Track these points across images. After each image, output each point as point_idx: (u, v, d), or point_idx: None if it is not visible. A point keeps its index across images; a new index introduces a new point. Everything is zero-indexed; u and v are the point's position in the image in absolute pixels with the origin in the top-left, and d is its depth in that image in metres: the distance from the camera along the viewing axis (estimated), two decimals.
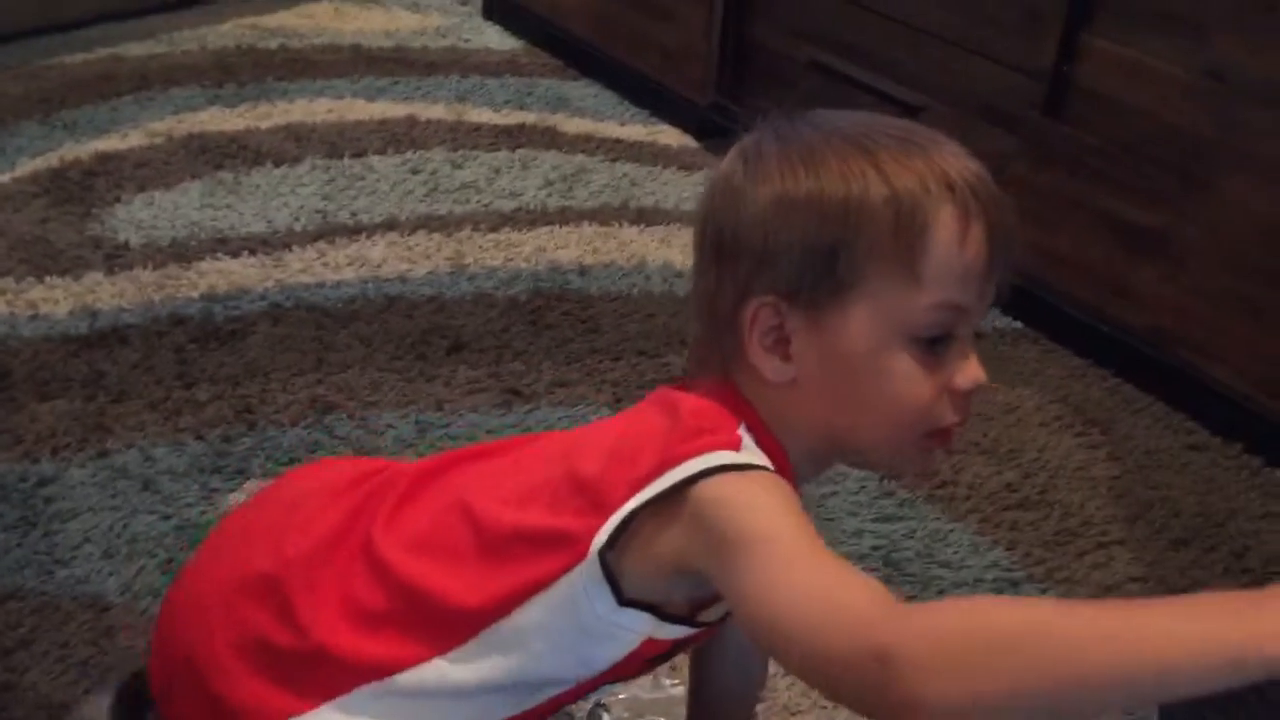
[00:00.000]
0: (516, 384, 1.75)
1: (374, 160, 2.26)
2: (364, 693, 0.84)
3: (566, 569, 0.78)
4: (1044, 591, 1.48)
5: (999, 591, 1.48)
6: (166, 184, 2.12)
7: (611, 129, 2.43)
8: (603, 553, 0.77)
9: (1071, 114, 1.82)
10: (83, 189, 2.09)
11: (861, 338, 0.76)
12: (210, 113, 2.36)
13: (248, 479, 1.52)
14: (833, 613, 0.65)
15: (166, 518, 1.46)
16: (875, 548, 1.53)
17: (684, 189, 2.24)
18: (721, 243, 0.81)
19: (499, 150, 2.32)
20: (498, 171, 2.26)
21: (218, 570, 0.94)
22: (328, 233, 2.05)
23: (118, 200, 2.08)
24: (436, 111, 2.44)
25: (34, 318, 1.79)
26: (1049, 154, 1.85)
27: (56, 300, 1.83)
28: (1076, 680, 0.58)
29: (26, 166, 2.14)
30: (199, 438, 1.59)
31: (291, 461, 1.55)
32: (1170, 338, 1.78)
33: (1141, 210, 1.77)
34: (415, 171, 2.23)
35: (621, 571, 0.78)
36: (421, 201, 2.15)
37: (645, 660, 0.87)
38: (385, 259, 2.00)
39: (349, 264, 1.98)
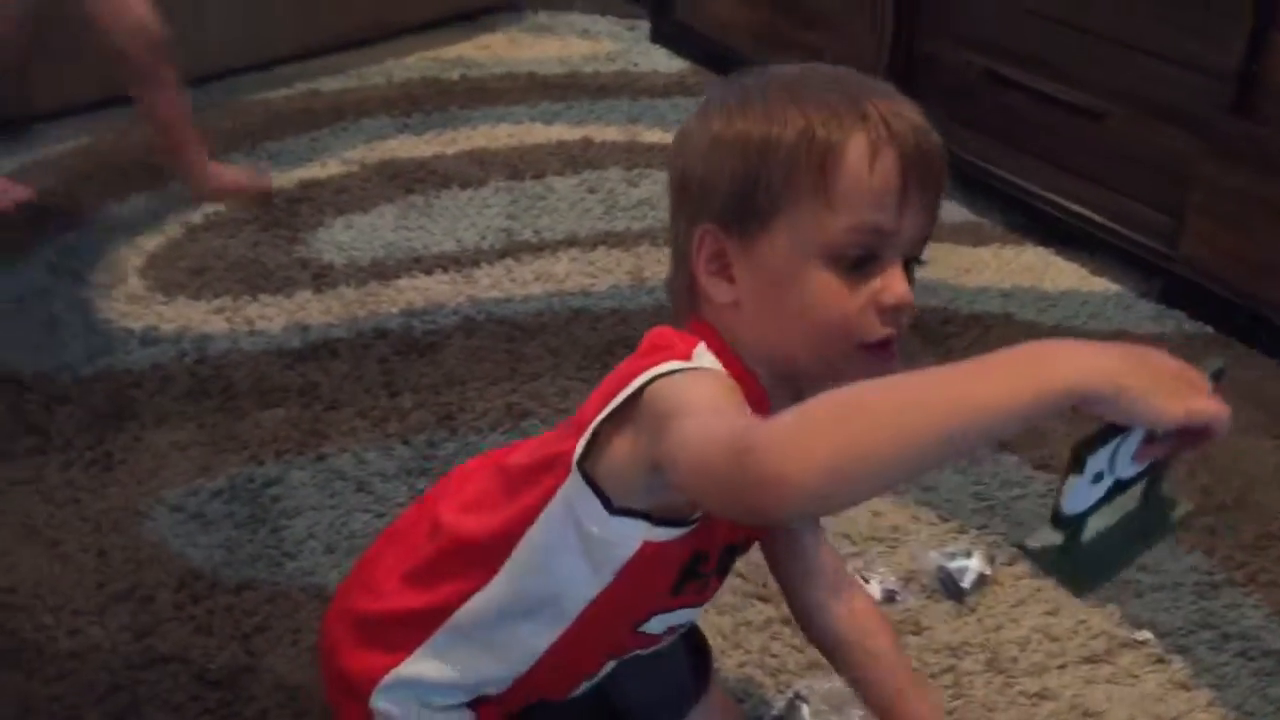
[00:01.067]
0: None
1: (553, 181, 2.35)
2: (438, 637, 0.97)
3: (559, 485, 0.89)
4: (1247, 596, 1.45)
5: (1200, 596, 1.46)
6: (363, 208, 2.26)
7: None
8: (581, 465, 0.86)
9: (1261, 114, 1.79)
10: (289, 214, 2.24)
11: (785, 258, 0.83)
12: (400, 141, 2.49)
13: None
14: (716, 437, 0.72)
15: (380, 515, 1.56)
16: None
17: None
18: (675, 182, 0.91)
19: (661, 169, 2.38)
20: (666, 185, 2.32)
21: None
22: (513, 250, 2.14)
23: (320, 224, 2.22)
24: (610, 133, 2.52)
25: (252, 333, 1.93)
26: (1238, 155, 1.82)
27: (271, 317, 1.96)
28: (912, 435, 0.66)
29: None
30: (405, 442, 1.69)
31: None
32: None
33: None
34: (593, 190, 2.32)
35: (602, 479, 0.86)
36: (600, 219, 2.23)
37: (676, 570, 0.92)
38: (569, 274, 2.08)
39: (535, 279, 2.07)
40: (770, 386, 0.88)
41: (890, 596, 1.46)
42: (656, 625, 0.99)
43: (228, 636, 1.41)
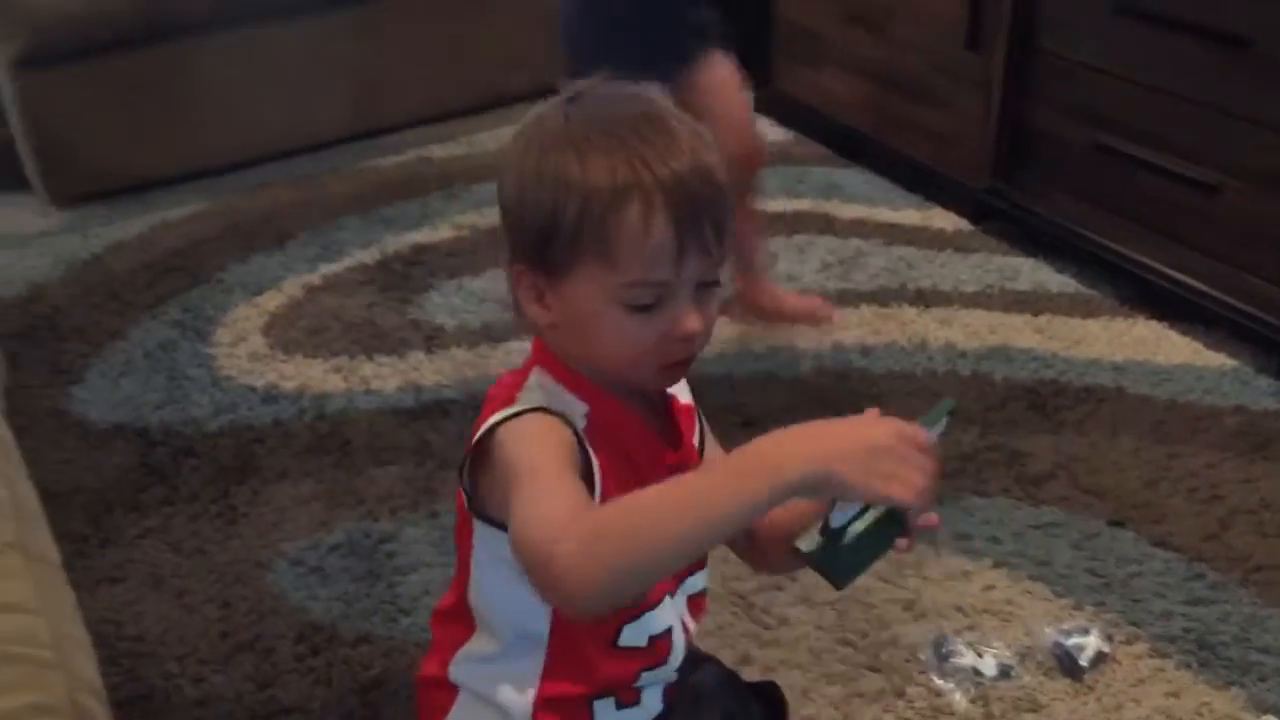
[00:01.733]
0: None
1: None
2: (458, 661, 1.04)
3: (473, 533, 0.98)
4: None
5: None
6: (474, 271, 2.31)
7: (885, 213, 2.48)
8: (473, 508, 0.96)
9: None
10: (402, 277, 2.30)
11: (585, 301, 0.92)
12: None
13: None
14: (531, 536, 0.83)
15: None
16: (1187, 630, 1.49)
17: (962, 271, 2.27)
18: (500, 206, 0.96)
19: (776, 235, 2.41)
20: (776, 256, 2.34)
21: None
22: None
23: (432, 287, 2.27)
24: None
25: (367, 392, 1.98)
26: None
27: (385, 377, 2.02)
28: (674, 544, 0.81)
29: (354, 258, 2.37)
30: None
31: None
32: None
33: None
34: None
35: (494, 514, 0.94)
36: None
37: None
38: None
39: None
40: (608, 384, 0.96)
41: (1005, 672, 1.44)
42: (634, 636, 1.01)
43: (346, 689, 1.44)
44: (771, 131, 2.85)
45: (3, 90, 2.56)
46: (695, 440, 1.06)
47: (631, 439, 0.97)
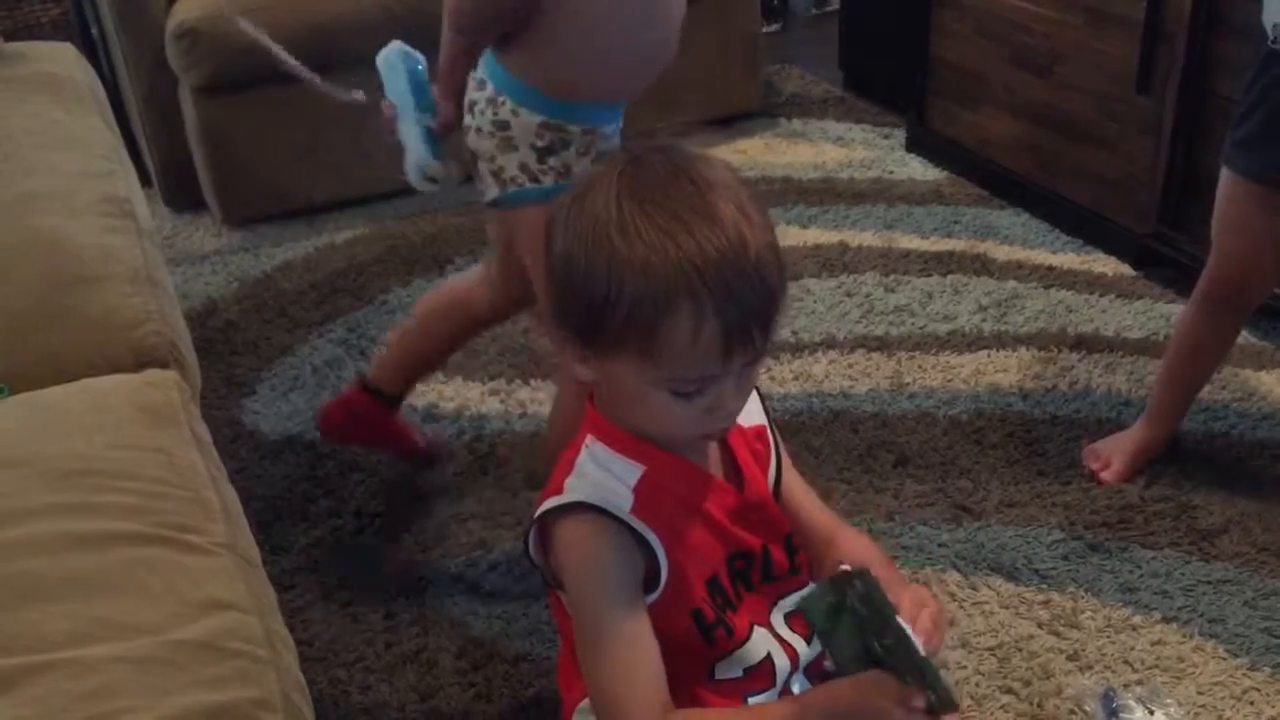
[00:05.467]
0: (964, 501, 1.79)
1: (810, 283, 2.39)
2: (580, 712, 1.09)
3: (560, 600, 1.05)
4: None
5: None
6: None
7: (1043, 256, 2.44)
8: (551, 583, 1.03)
9: None
10: None
11: (627, 382, 0.94)
12: None
13: None
14: (607, 702, 0.95)
15: None
16: None
17: (1124, 317, 2.21)
18: (549, 268, 0.96)
19: (930, 275, 2.39)
20: (930, 296, 2.32)
21: None
22: (771, 349, 2.17)
23: None
24: (866, 238, 2.55)
25: (523, 415, 2.02)
26: None
27: (540, 401, 2.05)
28: None
29: None
30: None
31: None
32: None
33: None
34: (850, 294, 2.34)
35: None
36: (858, 323, 2.25)
37: (699, 637, 1.02)
38: (827, 375, 2.10)
39: (793, 379, 2.10)
40: (652, 439, 1.00)
41: None
42: (728, 670, 1.03)
43: (506, 705, 1.46)
44: (924, 171, 2.84)
45: (186, 116, 2.70)
46: (768, 469, 1.08)
47: (690, 489, 1.01)
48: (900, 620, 0.90)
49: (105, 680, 0.85)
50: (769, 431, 1.10)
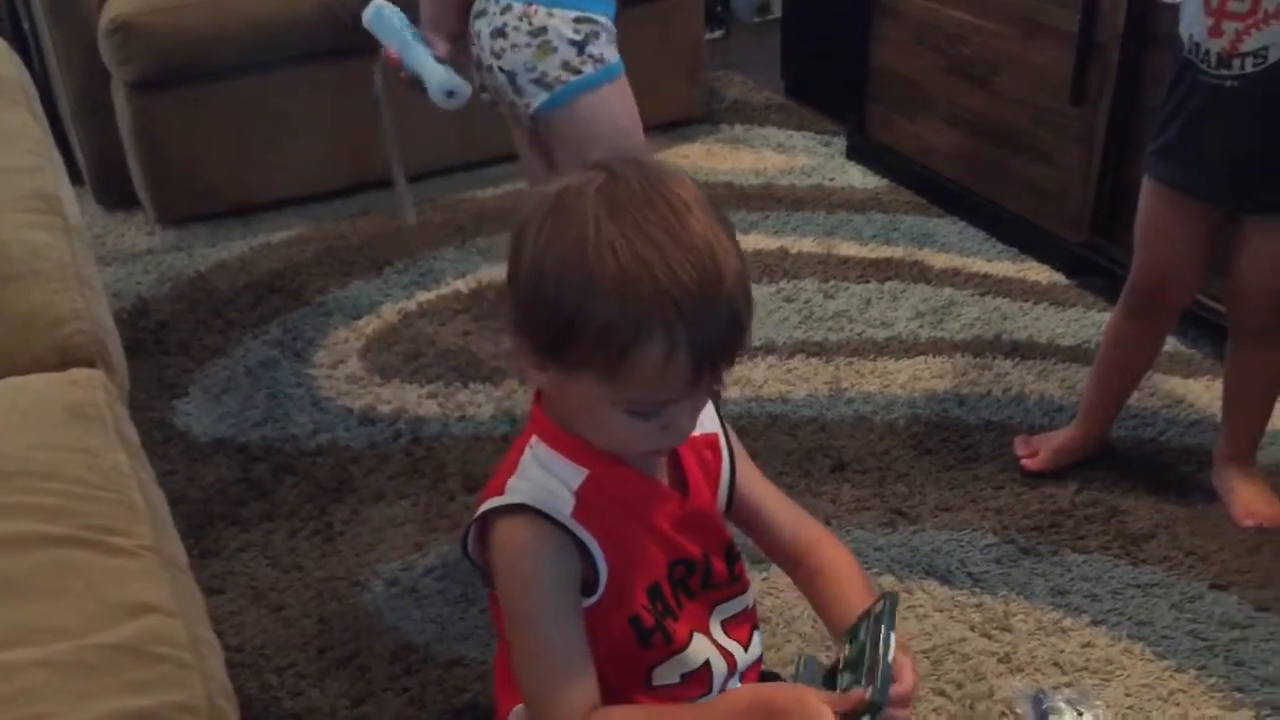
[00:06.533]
0: (900, 505, 1.80)
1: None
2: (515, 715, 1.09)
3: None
4: None
5: None
6: None
7: (979, 264, 2.47)
8: (487, 582, 1.03)
9: None
10: (496, 307, 2.33)
11: (584, 397, 0.93)
12: None
13: None
14: (534, 693, 0.97)
15: None
16: None
17: (1058, 324, 2.25)
18: (508, 271, 0.95)
19: (868, 282, 2.41)
20: (868, 302, 2.34)
21: None
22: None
23: None
24: (806, 244, 2.57)
25: (462, 419, 2.01)
26: None
27: (480, 404, 2.04)
28: None
29: (449, 286, 2.42)
30: None
31: None
32: None
33: None
34: (789, 300, 2.36)
35: None
36: (797, 328, 2.26)
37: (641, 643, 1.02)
38: (766, 380, 2.11)
39: (733, 383, 2.10)
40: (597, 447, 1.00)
41: None
42: (666, 675, 1.04)
43: (439, 711, 1.45)
44: (864, 179, 2.86)
45: (119, 112, 2.65)
46: (717, 478, 1.08)
47: (634, 495, 1.01)
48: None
49: (25, 685, 0.83)
50: (721, 439, 1.09)
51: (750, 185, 2.84)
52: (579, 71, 1.53)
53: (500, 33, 1.54)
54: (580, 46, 1.52)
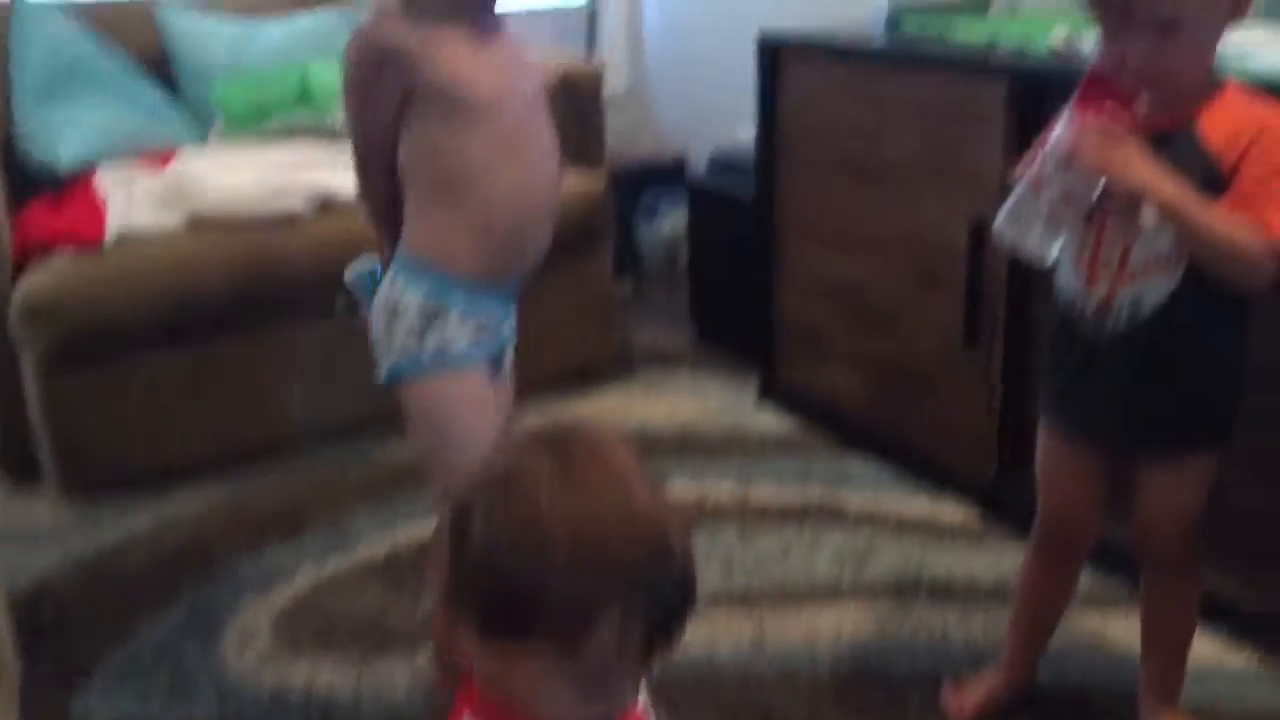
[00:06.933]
0: None
1: None
2: None
3: None
4: None
5: None
6: None
7: (894, 504, 2.50)
8: None
9: None
10: (413, 572, 2.29)
11: (530, 675, 0.91)
12: None
13: None
14: None
15: None
16: None
17: (975, 563, 2.26)
18: (450, 547, 0.94)
19: (787, 527, 2.42)
20: (788, 548, 2.35)
21: None
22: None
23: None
24: (723, 492, 2.58)
25: (376, 697, 1.94)
26: None
27: (395, 680, 1.97)
28: None
29: (366, 551, 2.37)
30: None
31: None
32: None
33: None
34: (709, 549, 2.35)
35: None
36: (718, 578, 2.25)
37: None
38: (690, 634, 2.07)
39: None
40: None
41: None
42: None
43: None
44: (777, 422, 2.92)
45: (27, 385, 2.62)
46: None
47: None
48: None
49: None
50: (645, 714, 1.07)
51: (665, 433, 2.87)
52: (416, 355, 1.53)
53: (375, 294, 1.60)
54: (422, 331, 1.53)
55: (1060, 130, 1.47)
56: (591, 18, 4.10)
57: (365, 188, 1.67)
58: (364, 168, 1.65)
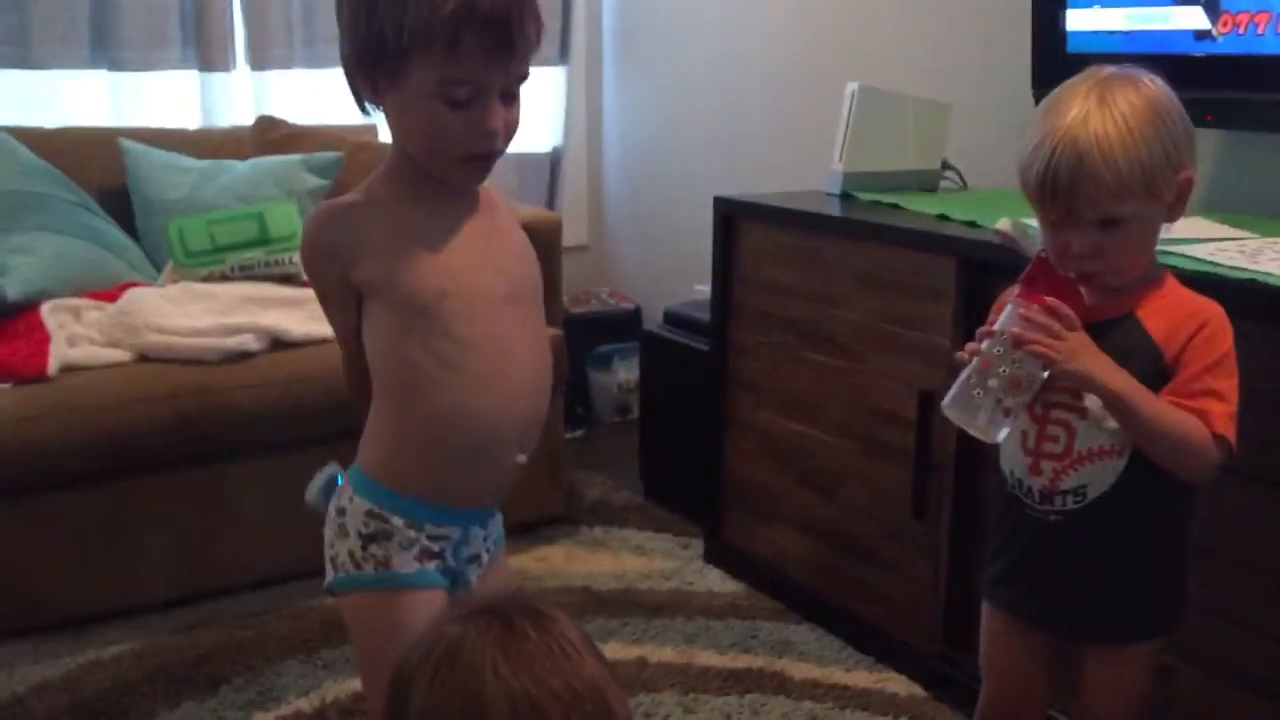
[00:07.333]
0: None
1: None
2: None
3: None
4: None
5: None
6: None
7: (838, 675, 2.45)
8: None
9: None
10: None
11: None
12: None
13: None
14: None
15: None
16: None
17: None
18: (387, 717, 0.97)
19: (729, 694, 2.36)
20: (728, 717, 2.28)
21: None
22: None
23: None
24: (665, 654, 2.52)
25: None
26: None
27: None
28: None
29: (291, 705, 2.28)
30: None
31: None
32: None
33: None
34: (648, 716, 2.28)
35: None
36: None
37: None
38: None
39: None
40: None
41: None
42: None
43: None
44: (722, 583, 2.87)
45: None
46: None
47: None
48: None
49: None
50: None
51: (609, 590, 2.81)
52: (357, 568, 1.44)
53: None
54: (365, 542, 1.43)
55: (1007, 316, 1.49)
56: (554, 166, 4.17)
57: (344, 371, 1.55)
58: (342, 351, 1.53)
